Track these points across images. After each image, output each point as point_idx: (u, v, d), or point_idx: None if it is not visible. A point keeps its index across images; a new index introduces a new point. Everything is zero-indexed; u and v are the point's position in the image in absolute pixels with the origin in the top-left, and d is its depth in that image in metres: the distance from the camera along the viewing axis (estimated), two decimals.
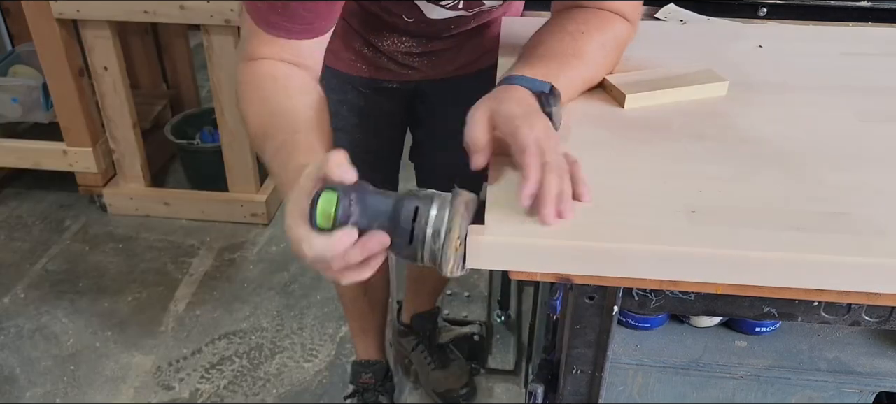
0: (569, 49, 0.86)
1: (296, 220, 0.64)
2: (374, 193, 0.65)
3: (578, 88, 0.88)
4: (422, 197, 0.64)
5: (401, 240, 0.63)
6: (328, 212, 0.62)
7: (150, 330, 2.00)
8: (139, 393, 1.81)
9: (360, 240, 0.63)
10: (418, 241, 0.63)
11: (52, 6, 2.04)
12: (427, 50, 1.15)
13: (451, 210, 0.63)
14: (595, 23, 0.89)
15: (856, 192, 0.72)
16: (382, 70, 1.18)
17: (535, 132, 0.69)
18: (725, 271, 0.66)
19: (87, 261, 2.26)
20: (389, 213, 0.64)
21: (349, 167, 0.64)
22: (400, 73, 1.19)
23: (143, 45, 2.68)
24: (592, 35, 0.87)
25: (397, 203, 0.64)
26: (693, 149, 0.81)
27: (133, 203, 2.45)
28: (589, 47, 0.87)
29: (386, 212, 0.64)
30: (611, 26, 0.90)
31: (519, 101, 0.75)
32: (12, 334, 1.99)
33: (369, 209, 0.64)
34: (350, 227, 0.63)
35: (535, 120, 0.72)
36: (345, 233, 0.62)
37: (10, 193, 2.59)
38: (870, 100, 0.92)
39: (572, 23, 0.88)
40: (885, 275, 0.64)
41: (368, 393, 1.70)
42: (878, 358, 0.91)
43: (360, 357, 1.72)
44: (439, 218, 0.63)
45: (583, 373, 0.85)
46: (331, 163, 0.63)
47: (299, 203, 0.64)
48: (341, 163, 0.63)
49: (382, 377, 1.71)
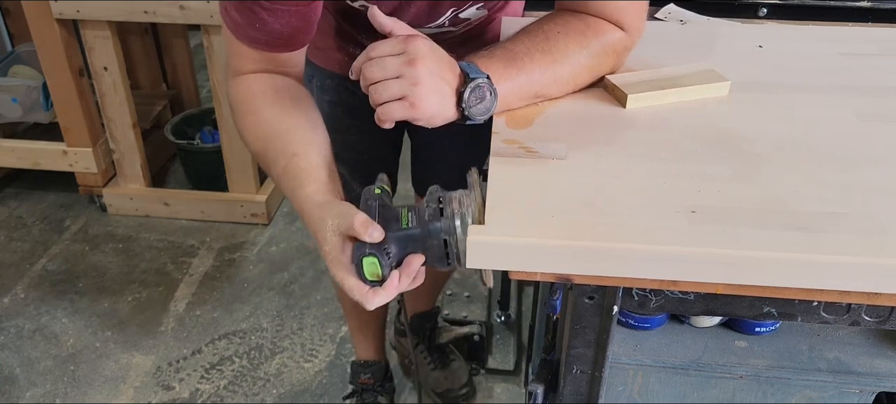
0: (539, 46, 0.85)
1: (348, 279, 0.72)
2: (401, 232, 0.71)
3: (546, 84, 0.86)
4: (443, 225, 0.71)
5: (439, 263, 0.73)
6: (375, 272, 0.70)
7: (150, 330, 2.00)
8: (139, 393, 1.81)
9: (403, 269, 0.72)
10: (454, 261, 0.72)
11: (52, 6, 2.04)
12: None
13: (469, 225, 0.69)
14: (578, 27, 0.87)
15: (856, 192, 0.72)
16: None
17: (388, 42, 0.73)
18: (725, 271, 0.66)
19: (87, 261, 2.26)
20: (421, 245, 0.72)
21: (376, 228, 0.70)
22: None
23: (143, 45, 2.68)
24: (571, 37, 0.86)
25: (424, 236, 0.71)
26: (693, 148, 0.81)
27: (133, 203, 2.45)
28: (565, 48, 0.86)
29: (418, 245, 0.72)
30: (597, 32, 0.88)
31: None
32: (12, 334, 1.99)
33: (404, 248, 0.72)
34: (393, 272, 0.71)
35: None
36: (393, 280, 0.71)
37: (10, 193, 2.59)
38: (870, 100, 0.92)
39: (553, 24, 0.88)
40: (885, 275, 0.64)
41: (367, 394, 1.70)
42: (878, 358, 0.91)
43: (359, 357, 1.72)
44: (464, 241, 0.69)
45: (583, 373, 0.85)
46: (357, 229, 0.69)
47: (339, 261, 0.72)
48: (367, 226, 0.69)
49: (382, 377, 1.71)
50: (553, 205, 0.70)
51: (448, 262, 0.72)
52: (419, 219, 0.72)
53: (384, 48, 0.74)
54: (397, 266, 0.72)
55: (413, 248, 0.72)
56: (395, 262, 0.71)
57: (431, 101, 0.75)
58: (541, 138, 0.82)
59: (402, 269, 0.71)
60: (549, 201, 0.71)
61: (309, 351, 1.93)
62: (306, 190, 0.78)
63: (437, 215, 0.71)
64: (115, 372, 1.87)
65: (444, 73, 0.76)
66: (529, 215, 0.69)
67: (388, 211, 0.73)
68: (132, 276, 2.20)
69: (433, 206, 0.72)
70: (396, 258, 0.71)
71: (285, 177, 0.81)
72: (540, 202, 0.71)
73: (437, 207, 0.72)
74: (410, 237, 0.71)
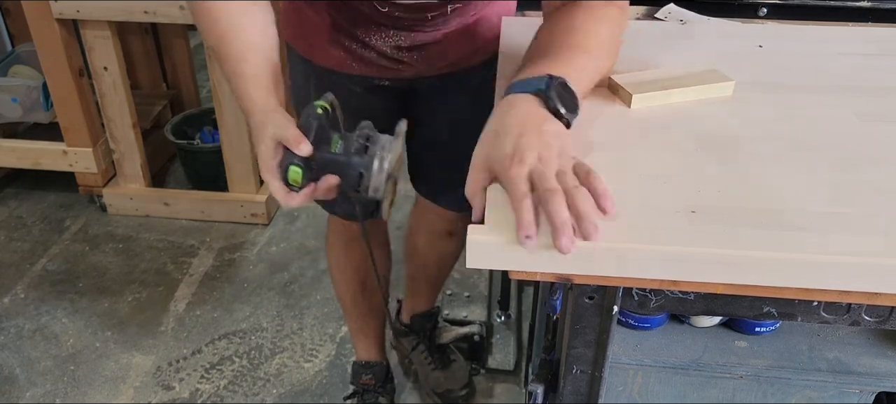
0: (572, 42, 0.83)
1: (270, 178, 0.84)
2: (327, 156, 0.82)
3: (592, 79, 0.84)
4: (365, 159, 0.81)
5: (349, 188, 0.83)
6: (296, 180, 0.82)
7: (150, 330, 2.00)
8: (139, 393, 1.81)
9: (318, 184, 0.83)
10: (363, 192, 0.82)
11: (52, 6, 2.04)
12: (415, 44, 1.15)
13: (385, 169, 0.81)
14: (593, 14, 0.86)
15: (856, 192, 0.72)
16: (373, 66, 1.17)
17: (525, 167, 0.66)
18: (725, 271, 0.66)
19: (87, 261, 2.26)
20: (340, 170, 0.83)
21: (306, 143, 0.80)
22: (391, 69, 1.18)
23: (143, 45, 2.68)
24: (591, 26, 0.85)
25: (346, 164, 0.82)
26: (694, 148, 0.81)
27: (133, 203, 2.45)
28: (593, 39, 0.84)
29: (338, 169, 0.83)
30: (607, 15, 0.87)
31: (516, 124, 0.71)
32: (12, 334, 1.99)
33: (325, 168, 0.83)
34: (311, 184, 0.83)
35: (526, 151, 0.67)
36: (308, 190, 0.84)
37: (10, 193, 2.59)
38: (870, 100, 0.92)
39: (568, 19, 0.86)
40: (885, 275, 0.64)
41: (368, 394, 1.70)
42: (878, 358, 0.91)
43: (360, 357, 1.72)
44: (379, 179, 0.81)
45: (583, 373, 0.85)
46: (290, 140, 0.80)
47: (268, 162, 0.83)
48: (299, 140, 0.80)
49: (383, 378, 1.71)
50: None
51: (359, 192, 0.82)
52: (346, 149, 0.82)
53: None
54: (316, 180, 0.83)
55: (333, 170, 0.82)
56: (316, 177, 0.83)
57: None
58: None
59: (318, 184, 0.83)
60: None
61: (309, 351, 1.93)
62: (252, 94, 0.87)
63: (362, 151, 0.81)
64: (115, 372, 1.87)
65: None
66: None
67: (323, 132, 0.82)
68: (132, 276, 2.20)
69: (361, 142, 0.82)
70: (317, 174, 0.83)
71: (234, 78, 0.89)
72: None
73: (363, 144, 0.82)
74: (333, 161, 0.82)
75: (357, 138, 0.82)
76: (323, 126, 0.83)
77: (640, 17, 1.25)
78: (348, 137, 0.83)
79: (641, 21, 1.23)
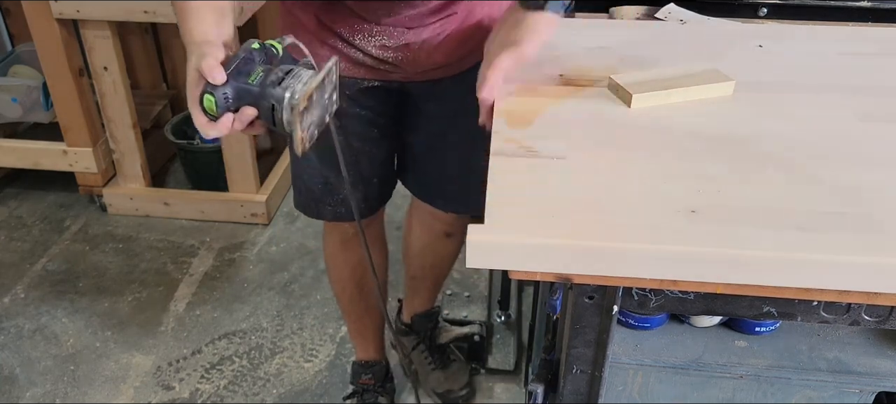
0: None
1: (192, 108, 0.84)
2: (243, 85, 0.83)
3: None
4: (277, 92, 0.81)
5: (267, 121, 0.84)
6: (211, 108, 0.82)
7: (150, 330, 2.00)
8: (139, 393, 1.81)
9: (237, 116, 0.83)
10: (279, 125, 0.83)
11: (52, 6, 2.04)
12: (401, 42, 1.13)
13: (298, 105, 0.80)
14: None
15: (856, 192, 0.72)
16: (360, 67, 1.17)
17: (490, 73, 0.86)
18: (725, 271, 0.66)
19: (87, 261, 2.26)
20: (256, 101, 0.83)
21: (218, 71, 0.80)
22: (379, 71, 1.17)
23: (143, 45, 2.68)
24: None
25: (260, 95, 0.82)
26: (694, 148, 0.81)
27: (133, 203, 2.45)
28: None
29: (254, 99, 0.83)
30: None
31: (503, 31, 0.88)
32: (12, 334, 1.99)
33: (241, 99, 0.83)
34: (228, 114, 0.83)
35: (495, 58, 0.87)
36: (226, 120, 0.83)
37: (10, 193, 2.59)
38: (870, 100, 0.92)
39: None
40: (885, 275, 0.64)
41: (368, 394, 1.69)
42: (878, 358, 0.91)
43: (359, 357, 1.71)
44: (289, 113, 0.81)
45: (583, 373, 0.85)
46: (203, 69, 0.80)
47: (192, 93, 0.83)
48: (212, 70, 0.80)
49: (382, 377, 1.71)
50: (553, 204, 0.70)
51: (274, 125, 0.83)
52: (263, 81, 0.82)
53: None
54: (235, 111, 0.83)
55: (249, 101, 0.82)
56: (234, 107, 0.83)
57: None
58: (541, 137, 0.82)
59: (236, 115, 0.83)
60: (550, 201, 0.71)
61: (309, 351, 1.93)
62: (192, 27, 0.88)
63: (277, 83, 0.81)
64: (115, 372, 1.87)
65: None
66: (529, 215, 0.69)
67: (247, 65, 0.83)
68: (132, 276, 2.20)
69: (279, 75, 0.82)
70: (236, 103, 0.83)
71: (180, 14, 0.89)
72: (540, 202, 0.71)
73: (282, 76, 0.82)
74: (247, 91, 0.82)
75: (278, 71, 0.83)
76: (251, 59, 0.83)
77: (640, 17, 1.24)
78: (271, 71, 0.83)
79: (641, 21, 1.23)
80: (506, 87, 0.89)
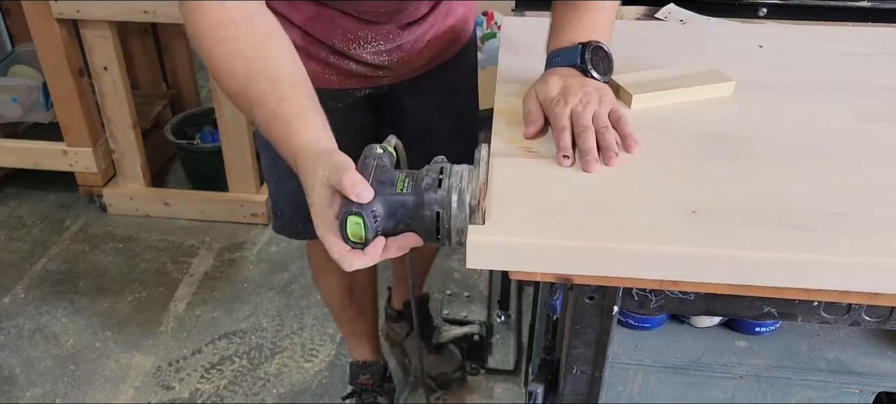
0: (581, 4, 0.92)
1: (329, 236, 0.69)
2: (393, 196, 0.68)
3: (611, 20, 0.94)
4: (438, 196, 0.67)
5: (428, 237, 0.69)
6: (358, 234, 0.66)
7: (150, 330, 2.00)
8: (139, 393, 1.81)
9: (394, 241, 0.69)
10: (444, 238, 0.69)
11: (52, 6, 2.04)
12: (396, 44, 1.12)
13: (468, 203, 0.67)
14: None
15: (856, 192, 0.72)
16: (353, 77, 1.15)
17: (568, 107, 0.81)
18: (725, 271, 0.66)
19: (87, 261, 2.26)
20: (412, 214, 0.68)
21: (365, 187, 0.66)
22: (370, 78, 1.16)
23: (143, 45, 2.68)
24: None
25: (417, 205, 0.68)
26: (694, 148, 0.81)
27: (133, 203, 2.45)
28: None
29: (409, 212, 0.68)
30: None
31: (559, 79, 0.85)
32: (12, 334, 1.99)
33: (393, 215, 0.68)
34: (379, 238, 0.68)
35: (570, 95, 0.82)
36: (376, 245, 0.68)
37: (10, 193, 2.59)
38: (870, 100, 0.92)
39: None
40: (885, 275, 0.64)
41: (367, 394, 1.70)
42: (878, 358, 0.91)
43: (355, 358, 1.72)
44: (460, 218, 0.67)
45: (583, 373, 0.85)
46: (346, 185, 0.66)
47: (324, 215, 0.69)
48: (356, 184, 0.65)
49: (380, 377, 1.71)
50: (553, 205, 0.70)
51: (438, 237, 0.68)
52: (415, 186, 0.68)
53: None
54: (384, 233, 0.68)
55: (403, 215, 0.68)
56: (382, 227, 0.68)
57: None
58: (541, 138, 0.82)
59: (393, 241, 0.69)
60: (549, 201, 0.71)
61: (309, 351, 1.93)
62: (302, 138, 0.73)
63: (435, 186, 0.67)
64: (115, 372, 1.87)
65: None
66: (529, 215, 0.69)
67: (385, 173, 0.69)
68: (132, 276, 2.20)
69: (433, 176, 0.68)
70: (384, 223, 0.68)
71: (275, 122, 0.75)
72: (540, 202, 0.71)
73: (436, 177, 0.68)
74: (401, 203, 0.67)
75: (428, 172, 0.68)
76: (384, 166, 0.69)
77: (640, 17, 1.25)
78: (417, 174, 0.69)
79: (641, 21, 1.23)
80: None
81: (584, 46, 0.87)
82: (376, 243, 0.68)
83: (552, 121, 0.82)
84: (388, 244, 0.69)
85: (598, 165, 0.76)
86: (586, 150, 0.77)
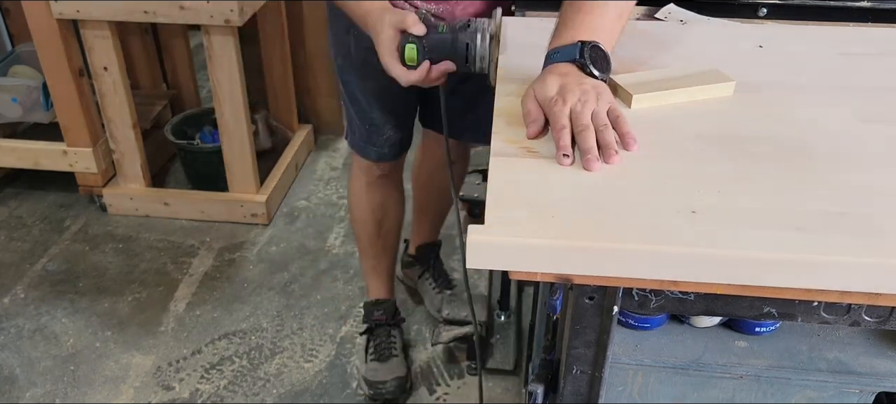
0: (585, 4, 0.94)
1: (391, 62, 1.01)
2: (436, 36, 1.00)
3: (619, 26, 0.96)
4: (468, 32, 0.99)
5: (460, 64, 1.00)
6: (412, 57, 1.00)
7: (150, 330, 2.00)
8: (139, 393, 1.81)
9: (436, 67, 1.00)
10: (472, 65, 1.00)
11: (52, 6, 2.04)
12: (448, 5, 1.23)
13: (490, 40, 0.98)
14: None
15: (856, 192, 0.72)
16: None
17: (567, 105, 0.82)
18: (725, 271, 0.66)
19: (87, 261, 2.26)
20: (450, 48, 1.00)
21: (419, 25, 0.99)
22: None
23: (143, 45, 2.68)
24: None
25: (453, 41, 0.99)
26: (694, 148, 0.81)
27: (133, 203, 2.45)
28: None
29: (448, 47, 1.00)
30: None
31: (557, 77, 0.86)
32: (12, 334, 1.99)
33: (436, 49, 1.00)
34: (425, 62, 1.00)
35: (568, 94, 0.83)
36: (424, 67, 1.00)
37: (10, 193, 2.59)
38: (870, 100, 0.92)
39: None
40: (885, 275, 0.64)
41: (381, 329, 1.84)
42: (878, 358, 0.91)
43: (371, 296, 1.87)
44: (483, 47, 0.98)
45: (583, 373, 0.85)
46: (408, 23, 0.99)
47: (388, 46, 1.01)
48: (415, 22, 0.99)
49: (392, 313, 1.86)
50: (553, 205, 0.70)
51: (466, 63, 0.99)
52: (451, 29, 0.99)
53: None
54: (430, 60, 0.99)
55: (442, 48, 0.99)
56: (430, 56, 0.99)
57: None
58: (541, 138, 0.82)
59: (436, 67, 1.00)
60: (550, 201, 0.71)
61: (309, 351, 1.93)
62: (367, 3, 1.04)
63: (465, 27, 0.98)
64: (115, 372, 1.87)
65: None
66: (529, 215, 0.69)
67: (430, 21, 1.01)
68: (132, 276, 2.20)
69: (462, 23, 0.99)
70: (429, 54, 0.99)
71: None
72: (540, 202, 0.71)
73: (465, 23, 0.99)
74: (441, 39, 0.99)
75: (459, 23, 0.99)
76: (429, 21, 1.00)
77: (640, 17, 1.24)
78: (452, 24, 1.00)
79: (641, 21, 1.23)
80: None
81: (584, 44, 0.88)
82: (424, 65, 0.99)
83: (551, 120, 0.82)
84: (432, 69, 0.99)
85: (599, 163, 0.77)
86: (586, 149, 0.77)
